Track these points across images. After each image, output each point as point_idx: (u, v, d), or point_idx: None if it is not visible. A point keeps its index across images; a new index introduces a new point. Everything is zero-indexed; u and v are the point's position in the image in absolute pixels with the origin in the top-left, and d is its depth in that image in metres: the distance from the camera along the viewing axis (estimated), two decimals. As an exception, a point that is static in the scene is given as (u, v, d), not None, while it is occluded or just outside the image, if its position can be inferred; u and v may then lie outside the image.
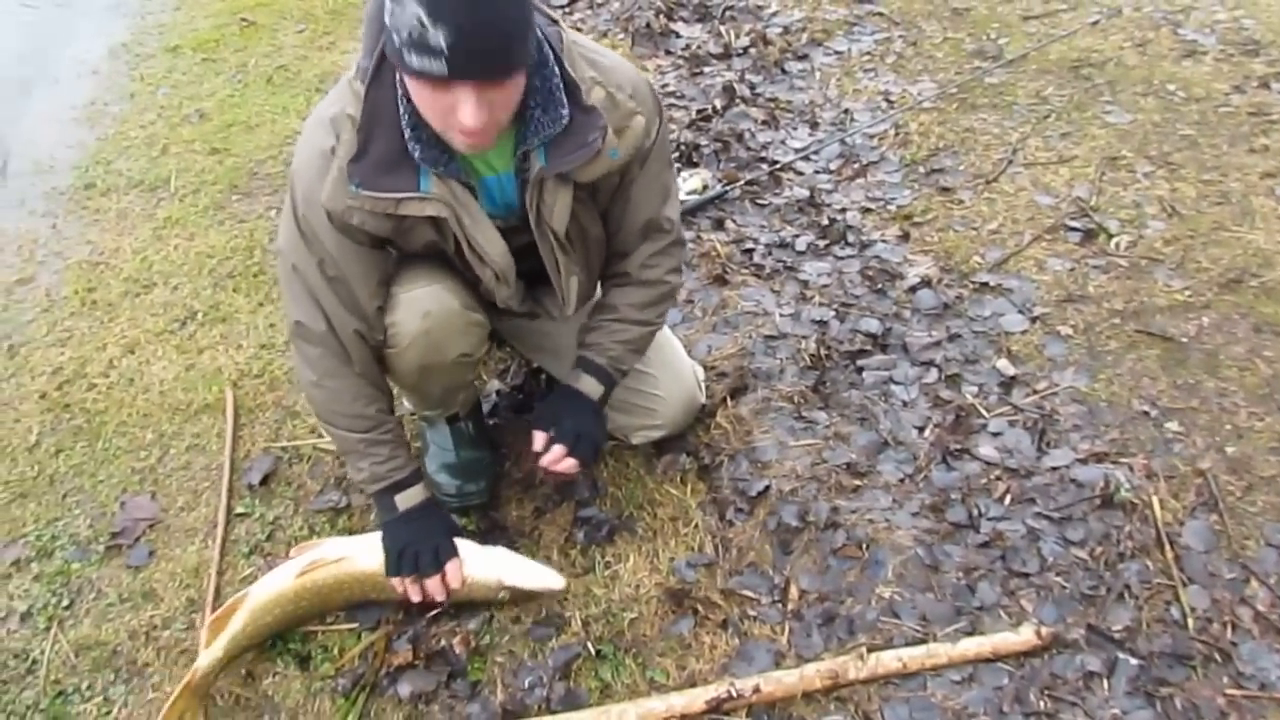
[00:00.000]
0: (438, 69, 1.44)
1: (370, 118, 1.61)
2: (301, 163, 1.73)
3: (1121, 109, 3.44)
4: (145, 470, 2.47)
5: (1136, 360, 2.48)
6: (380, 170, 1.63)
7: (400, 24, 1.42)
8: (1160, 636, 1.88)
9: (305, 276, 1.80)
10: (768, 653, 1.92)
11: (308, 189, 1.71)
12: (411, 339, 1.87)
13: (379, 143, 1.62)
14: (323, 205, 1.69)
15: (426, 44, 1.42)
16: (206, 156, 3.75)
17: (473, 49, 1.44)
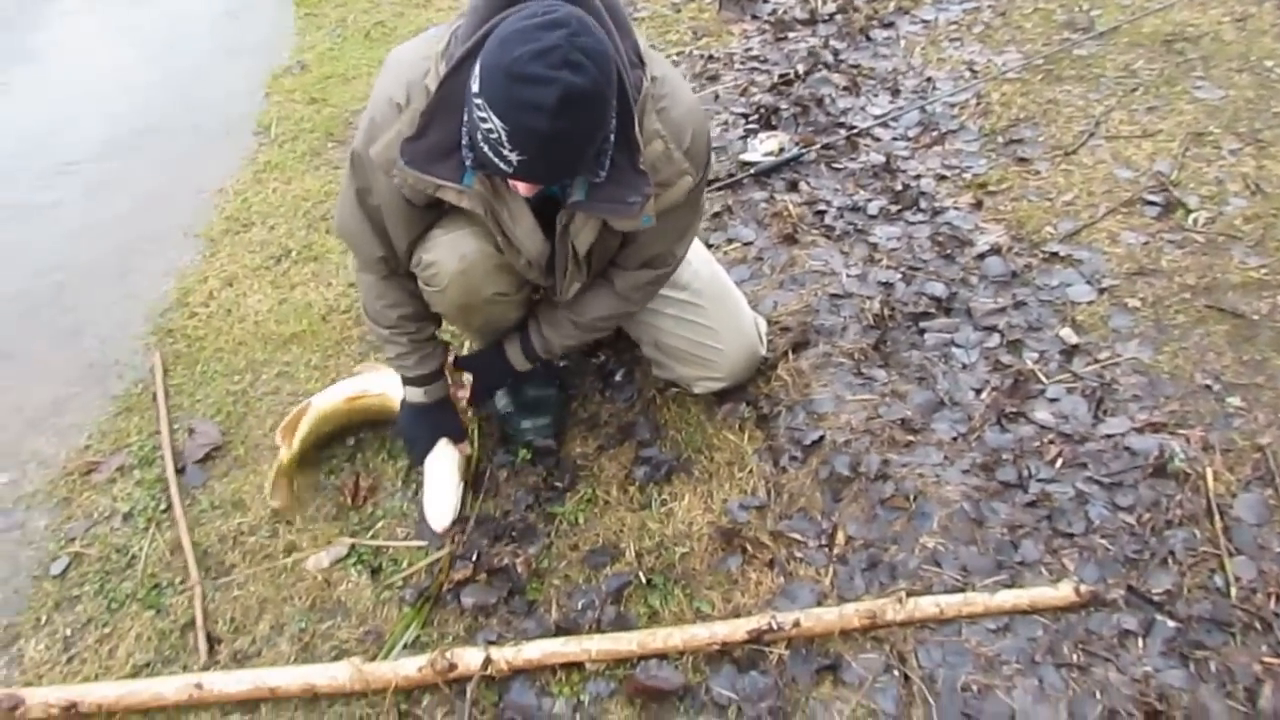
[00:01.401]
0: (503, 169, 1.59)
1: (436, 106, 1.68)
2: (377, 100, 1.82)
3: (1213, 84, 3.38)
4: (238, 393, 2.63)
5: (1203, 335, 2.47)
6: (431, 156, 1.71)
7: (483, 123, 1.54)
8: (1201, 602, 1.90)
9: (349, 190, 1.95)
10: (811, 592, 2.00)
11: (370, 134, 1.82)
12: (450, 279, 1.98)
13: (437, 131, 1.69)
14: (372, 157, 1.80)
15: (500, 153, 1.55)
16: (305, 105, 3.92)
17: (537, 169, 1.59)
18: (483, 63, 1.53)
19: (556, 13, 1.51)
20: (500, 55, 1.49)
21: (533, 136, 1.52)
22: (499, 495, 2.27)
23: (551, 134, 1.51)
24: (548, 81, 1.47)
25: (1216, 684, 1.77)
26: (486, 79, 1.52)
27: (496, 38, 1.53)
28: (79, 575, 2.19)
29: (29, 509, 2.35)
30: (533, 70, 1.46)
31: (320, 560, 2.19)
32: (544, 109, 1.48)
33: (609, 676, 1.89)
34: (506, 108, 1.50)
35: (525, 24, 1.50)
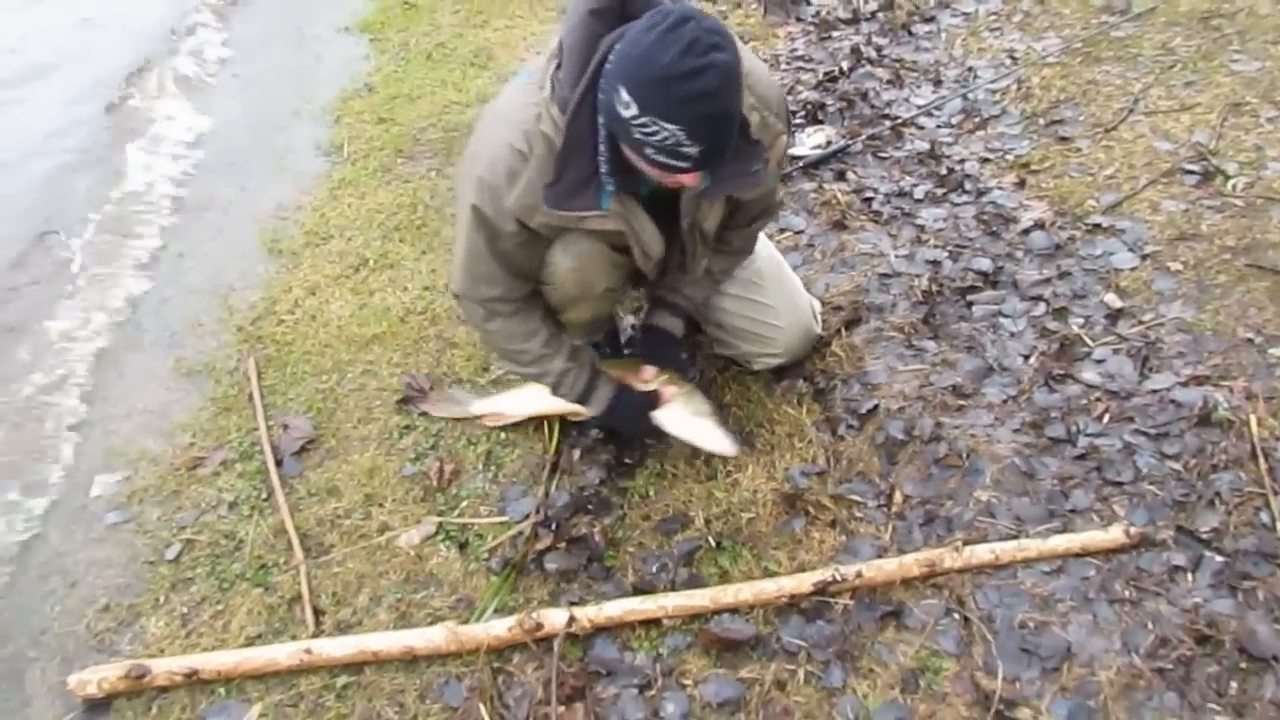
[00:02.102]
0: (684, 167, 1.73)
1: (569, 149, 1.83)
2: (488, 154, 1.93)
3: (1249, 57, 3.45)
4: (326, 390, 2.81)
5: (1245, 292, 2.56)
6: (570, 193, 1.86)
7: (653, 136, 1.67)
8: (1247, 537, 2.00)
9: (476, 246, 2.05)
10: (872, 547, 2.13)
11: (494, 185, 1.93)
12: (566, 274, 2.13)
13: (572, 170, 1.85)
14: (509, 209, 1.94)
15: (680, 153, 1.69)
16: (374, 125, 4.13)
17: (712, 153, 1.71)
18: (630, 85, 1.65)
19: (670, 13, 1.64)
20: (648, 69, 1.62)
21: (707, 122, 1.66)
22: (574, 473, 2.42)
23: (721, 114, 1.67)
24: (704, 69, 1.60)
25: (1264, 610, 1.88)
26: (645, 95, 1.64)
27: (629, 60, 1.66)
28: (191, 559, 2.36)
29: (142, 503, 2.54)
30: (688, 64, 1.59)
31: (411, 537, 2.35)
32: (711, 93, 1.62)
33: (685, 630, 2.03)
34: (677, 107, 1.63)
35: (652, 35, 1.62)
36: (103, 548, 2.41)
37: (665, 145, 1.68)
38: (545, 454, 2.46)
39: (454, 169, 3.71)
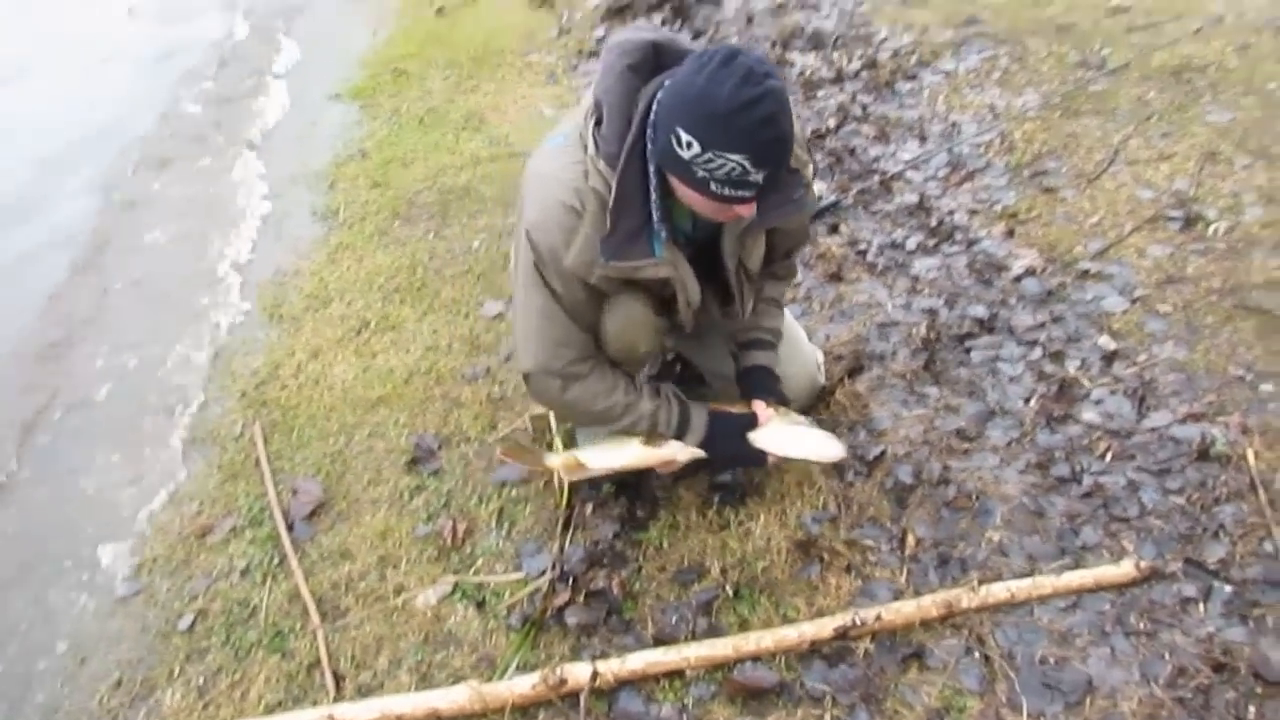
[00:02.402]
0: (747, 196, 1.80)
1: (621, 200, 1.89)
2: (543, 218, 1.97)
3: (1221, 108, 3.58)
4: (334, 454, 2.83)
5: (1233, 332, 2.65)
6: (625, 243, 1.92)
7: (719, 169, 1.74)
8: (1253, 566, 2.06)
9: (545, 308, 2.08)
10: (888, 590, 2.16)
11: (552, 246, 1.97)
12: (611, 338, 2.18)
13: (625, 221, 1.91)
14: (568, 268, 1.99)
15: (745, 181, 1.76)
16: (369, 190, 4.20)
17: (772, 177, 1.78)
18: (689, 125, 1.72)
19: (716, 52, 1.72)
20: (708, 106, 1.69)
21: (773, 147, 1.74)
22: (587, 527, 2.44)
23: (781, 137, 1.73)
24: (762, 96, 1.67)
25: (1275, 636, 1.93)
26: (708, 131, 1.71)
27: (685, 101, 1.73)
28: (205, 629, 2.35)
29: (150, 573, 2.53)
30: (746, 95, 1.67)
31: (428, 598, 2.36)
32: (771, 119, 1.70)
33: (709, 680, 2.04)
34: (741, 137, 1.70)
35: (705, 73, 1.70)
36: (113, 621, 2.40)
37: (731, 177, 1.75)
38: (557, 509, 2.49)
39: (451, 233, 3.77)
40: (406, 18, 6.23)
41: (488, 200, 3.95)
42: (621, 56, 1.88)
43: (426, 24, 6.04)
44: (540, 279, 2.03)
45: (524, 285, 2.07)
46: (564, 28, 5.60)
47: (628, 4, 5.60)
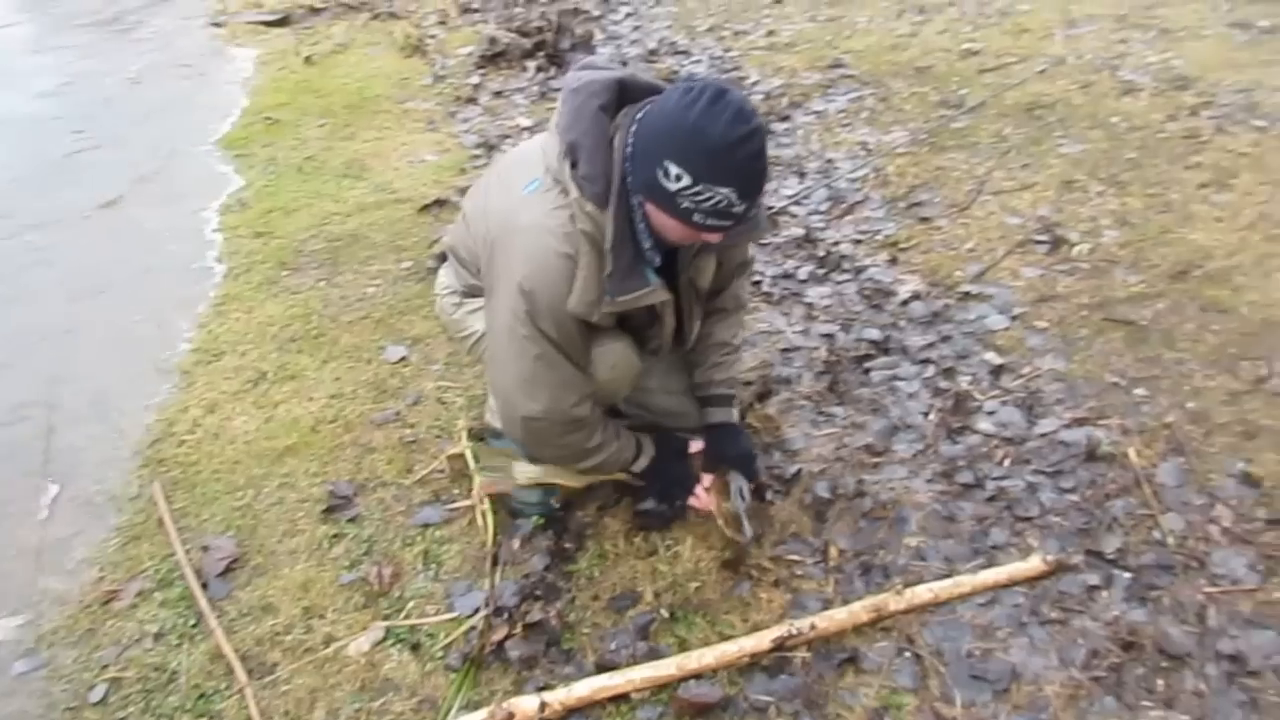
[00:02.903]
0: (728, 225, 1.88)
1: (618, 238, 1.95)
2: (540, 270, 1.98)
3: (1072, 141, 3.90)
4: (244, 507, 2.75)
5: (1105, 343, 2.88)
6: (625, 278, 1.97)
7: (706, 201, 1.81)
8: (1146, 554, 2.25)
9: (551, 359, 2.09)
10: (818, 601, 2.25)
11: (552, 296, 1.99)
12: (602, 382, 2.22)
13: (623, 257, 1.96)
14: (570, 312, 2.01)
15: (728, 213, 1.84)
16: (252, 239, 4.11)
17: (753, 207, 1.89)
18: (680, 158, 1.78)
19: (704, 87, 1.79)
20: (701, 142, 1.76)
21: (757, 180, 1.84)
22: (516, 562, 2.45)
23: (764, 171, 1.84)
24: (753, 133, 1.76)
25: (1172, 614, 2.11)
26: (701, 166, 1.77)
27: (676, 133, 1.78)
28: (120, 699, 2.24)
29: (52, 646, 2.40)
30: (739, 131, 1.75)
31: (360, 645, 2.32)
32: (760, 153, 1.80)
33: (655, 702, 2.08)
34: (733, 172, 1.78)
35: (697, 108, 1.76)
36: (13, 701, 2.27)
37: (717, 208, 1.82)
38: (485, 547, 2.49)
39: (343, 280, 3.74)
40: (274, 67, 6.15)
41: (379, 246, 3.93)
42: (591, 98, 1.94)
43: (295, 73, 5.98)
44: (535, 329, 2.03)
45: (513, 336, 2.07)
46: (439, 75, 5.63)
47: (501, 52, 5.68)
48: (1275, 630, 2.06)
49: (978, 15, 5.46)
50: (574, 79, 2.01)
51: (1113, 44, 4.87)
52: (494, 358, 2.18)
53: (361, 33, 6.39)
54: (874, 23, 5.53)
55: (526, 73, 5.45)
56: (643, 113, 1.91)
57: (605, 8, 6.26)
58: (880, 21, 5.54)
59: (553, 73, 5.37)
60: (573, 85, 2.00)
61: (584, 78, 1.99)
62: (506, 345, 2.09)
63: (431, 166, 4.55)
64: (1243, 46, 4.77)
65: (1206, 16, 5.16)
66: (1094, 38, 4.96)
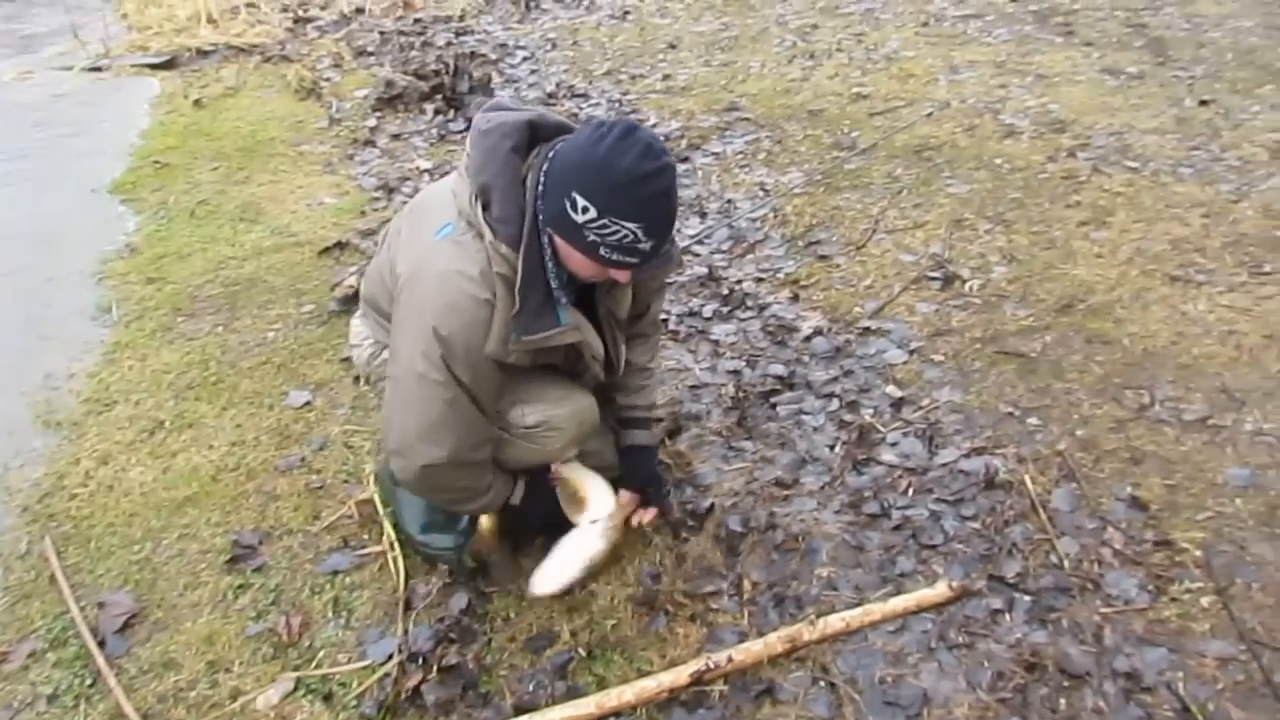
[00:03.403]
0: (634, 262, 1.90)
1: (527, 278, 1.95)
2: (456, 316, 1.97)
3: (960, 181, 4.07)
4: (142, 561, 2.66)
5: (998, 375, 3.00)
6: (534, 318, 1.97)
7: (611, 235, 1.83)
8: (1044, 577, 2.34)
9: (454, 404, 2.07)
10: (733, 634, 2.27)
11: (468, 341, 1.98)
12: (564, 442, 2.28)
13: (532, 296, 1.96)
14: (487, 355, 2.01)
15: (635, 249, 1.86)
16: (144, 286, 4.00)
17: (659, 246, 1.90)
18: (587, 191, 1.80)
19: (614, 124, 1.82)
20: (609, 174, 1.79)
21: (664, 217, 1.86)
22: (430, 606, 2.42)
23: (672, 210, 1.86)
24: (661, 170, 1.79)
25: (1071, 635, 2.20)
26: (606, 198, 1.79)
27: (584, 167, 1.81)
28: (11, 767, 2.17)
29: (-66, 715, 2.31)
30: (646, 167, 1.78)
31: (269, 698, 2.26)
32: (667, 192, 1.82)
33: (574, 741, 2.08)
34: (638, 207, 1.80)
35: (606, 143, 1.79)
36: (-112, 777, 2.17)
37: (622, 243, 1.84)
38: (397, 592, 2.46)
39: (242, 325, 3.66)
40: (162, 110, 6.01)
41: (278, 290, 3.87)
42: (503, 139, 1.95)
43: (185, 116, 5.85)
44: (449, 374, 2.02)
45: (422, 381, 2.05)
46: (335, 117, 5.59)
47: (399, 95, 5.66)
48: (1166, 647, 2.17)
49: (865, 61, 5.67)
50: (483, 120, 2.02)
51: (993, 89, 5.11)
52: (397, 402, 2.14)
53: (253, 75, 6.30)
54: (767, 68, 5.69)
55: (425, 115, 5.44)
56: (554, 150, 1.94)
57: (502, 51, 6.30)
58: (773, 66, 5.70)
59: (451, 115, 5.38)
60: (482, 127, 2.00)
61: (494, 119, 2.00)
62: (414, 390, 2.07)
63: (330, 209, 4.50)
64: (1113, 91, 5.05)
65: (1079, 63, 5.46)
66: (976, 83, 5.20)
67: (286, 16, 7.18)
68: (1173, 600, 2.28)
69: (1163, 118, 4.69)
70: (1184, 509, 2.52)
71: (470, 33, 6.74)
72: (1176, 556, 2.39)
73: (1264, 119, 4.65)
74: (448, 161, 4.83)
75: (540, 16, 7.14)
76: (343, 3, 7.37)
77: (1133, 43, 5.77)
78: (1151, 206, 3.90)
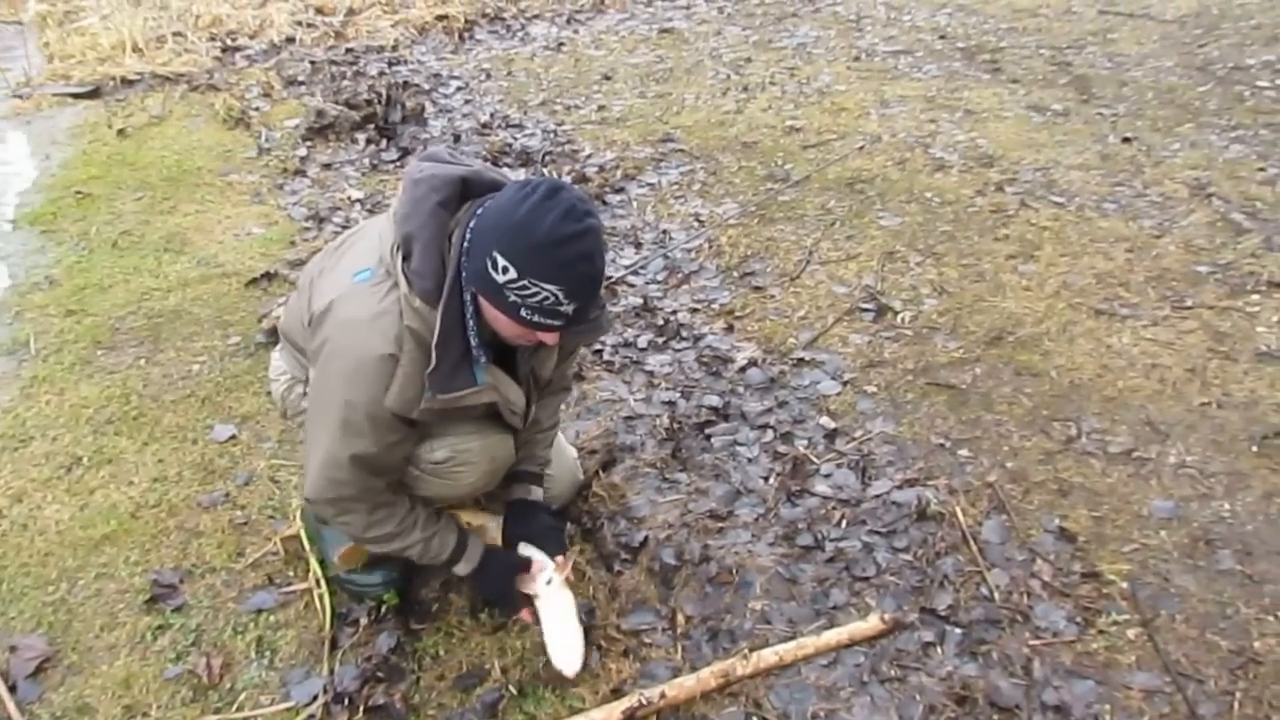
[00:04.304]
0: (556, 325, 1.87)
1: (445, 335, 1.89)
2: (355, 368, 1.95)
3: (891, 214, 4.13)
4: (56, 602, 2.57)
5: (929, 406, 3.03)
6: (449, 377, 1.92)
7: (532, 297, 1.80)
8: (975, 609, 2.36)
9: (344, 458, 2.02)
10: (666, 668, 2.25)
11: (370, 396, 1.94)
12: (477, 477, 2.21)
13: (449, 354, 1.91)
14: (388, 409, 1.96)
15: (556, 311, 1.83)
16: (63, 318, 3.88)
17: (583, 310, 1.87)
18: (508, 251, 1.77)
19: (540, 184, 1.79)
20: (528, 235, 1.75)
21: (586, 282, 1.81)
22: (358, 645, 2.37)
23: (596, 273, 1.83)
24: (583, 232, 1.75)
25: (1000, 667, 2.21)
26: (526, 259, 1.75)
27: (505, 227, 1.78)
28: (-88, 819, 2.08)
29: None
30: (567, 230, 1.74)
31: (187, 743, 2.20)
32: (589, 255, 1.78)
33: (503, 782, 2.04)
34: (558, 269, 1.76)
35: (529, 204, 1.76)
36: None
37: (543, 305, 1.80)
38: (322, 631, 2.40)
39: (165, 358, 3.57)
40: (84, 139, 5.86)
41: (204, 322, 3.78)
42: (432, 192, 1.91)
43: (109, 146, 5.70)
44: (351, 432, 1.99)
45: (327, 433, 2.02)
46: (264, 147, 5.50)
47: (330, 124, 5.59)
48: (1094, 680, 2.19)
49: (798, 95, 5.74)
50: (416, 170, 1.98)
51: (923, 123, 5.20)
52: (310, 432, 2.12)
53: (179, 104, 6.18)
54: (701, 100, 5.74)
55: (357, 145, 5.39)
56: (482, 207, 1.90)
57: (436, 81, 6.27)
58: (707, 99, 5.75)
59: (384, 145, 5.33)
60: (414, 176, 1.97)
61: (426, 170, 1.96)
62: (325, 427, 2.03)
63: (259, 239, 4.42)
64: (1039, 127, 5.17)
65: (1006, 100, 5.58)
66: (906, 117, 5.29)
67: (214, 45, 7.04)
68: (1100, 632, 2.31)
69: (1087, 154, 4.81)
70: (1110, 541, 2.56)
71: (403, 62, 6.70)
72: (1103, 588, 2.42)
73: (1184, 156, 4.79)
74: (380, 191, 4.78)
75: (474, 47, 7.12)
76: (272, 32, 7.26)
77: (1057, 80, 5.91)
78: (1077, 241, 3.99)
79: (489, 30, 7.47)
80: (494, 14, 7.68)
